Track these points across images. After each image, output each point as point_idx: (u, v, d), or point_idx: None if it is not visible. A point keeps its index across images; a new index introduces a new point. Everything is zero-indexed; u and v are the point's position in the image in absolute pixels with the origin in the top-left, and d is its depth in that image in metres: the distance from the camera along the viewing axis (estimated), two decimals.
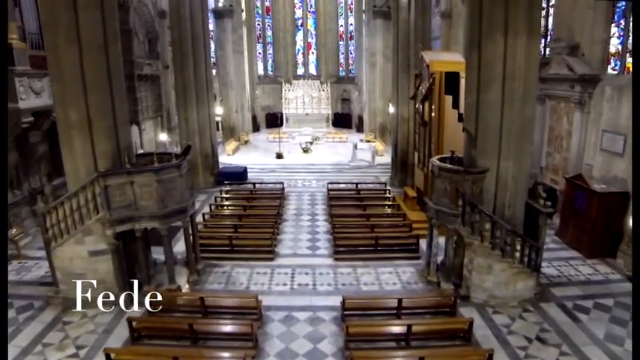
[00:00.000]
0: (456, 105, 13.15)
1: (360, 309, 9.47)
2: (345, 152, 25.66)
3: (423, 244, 12.54)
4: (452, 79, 13.05)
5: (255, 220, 14.37)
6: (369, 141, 27.87)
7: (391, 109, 27.86)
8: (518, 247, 9.75)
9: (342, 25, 35.97)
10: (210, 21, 30.78)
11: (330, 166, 22.74)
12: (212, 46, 31.62)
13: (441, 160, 10.83)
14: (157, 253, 11.37)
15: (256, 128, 34.09)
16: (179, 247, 12.28)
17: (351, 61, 35.79)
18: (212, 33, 31.64)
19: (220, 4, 26.85)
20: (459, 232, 10.13)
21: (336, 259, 12.28)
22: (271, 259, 12.26)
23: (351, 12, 34.93)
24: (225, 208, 15.57)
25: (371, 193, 17.24)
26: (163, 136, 19.09)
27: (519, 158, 9.84)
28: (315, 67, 37.23)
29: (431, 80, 13.24)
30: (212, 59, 31.65)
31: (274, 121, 34.97)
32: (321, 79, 36.11)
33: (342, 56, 36.48)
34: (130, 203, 9.75)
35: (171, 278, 10.63)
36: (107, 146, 9.71)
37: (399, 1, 17.86)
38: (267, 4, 35.60)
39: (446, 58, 14.06)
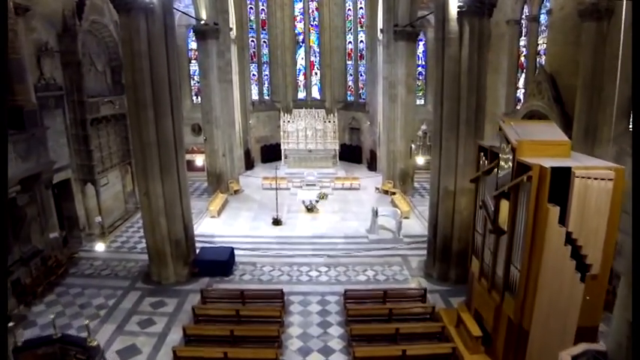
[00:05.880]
0: (563, 220, 8.13)
1: None
2: (360, 210, 20.49)
3: None
4: (559, 177, 8.02)
5: None
6: (386, 191, 22.60)
7: (420, 161, 22.88)
8: None
9: (350, 42, 30.45)
10: (193, 39, 25.68)
11: (342, 239, 17.42)
12: (196, 68, 26.65)
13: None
14: None
15: (250, 165, 28.68)
16: None
17: (361, 85, 30.47)
18: (195, 52, 26.57)
19: (202, 22, 21.49)
20: None
21: None
22: None
23: (361, 27, 29.55)
24: (199, 349, 10.35)
25: (405, 308, 12.09)
26: (100, 247, 13.88)
27: None
28: (319, 91, 31.71)
29: (526, 179, 8.15)
30: (196, 86, 27.00)
31: (271, 155, 29.60)
32: (325, 104, 30.75)
33: (350, 78, 30.95)
34: None
35: None
36: None
37: (447, 30, 12.67)
38: (262, 17, 30.23)
39: (543, 137, 8.88)
